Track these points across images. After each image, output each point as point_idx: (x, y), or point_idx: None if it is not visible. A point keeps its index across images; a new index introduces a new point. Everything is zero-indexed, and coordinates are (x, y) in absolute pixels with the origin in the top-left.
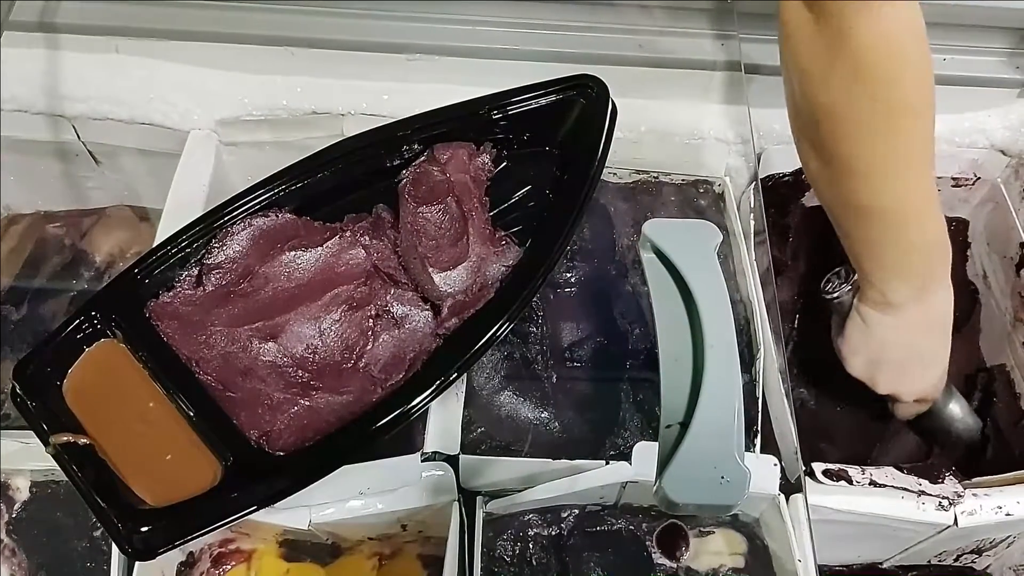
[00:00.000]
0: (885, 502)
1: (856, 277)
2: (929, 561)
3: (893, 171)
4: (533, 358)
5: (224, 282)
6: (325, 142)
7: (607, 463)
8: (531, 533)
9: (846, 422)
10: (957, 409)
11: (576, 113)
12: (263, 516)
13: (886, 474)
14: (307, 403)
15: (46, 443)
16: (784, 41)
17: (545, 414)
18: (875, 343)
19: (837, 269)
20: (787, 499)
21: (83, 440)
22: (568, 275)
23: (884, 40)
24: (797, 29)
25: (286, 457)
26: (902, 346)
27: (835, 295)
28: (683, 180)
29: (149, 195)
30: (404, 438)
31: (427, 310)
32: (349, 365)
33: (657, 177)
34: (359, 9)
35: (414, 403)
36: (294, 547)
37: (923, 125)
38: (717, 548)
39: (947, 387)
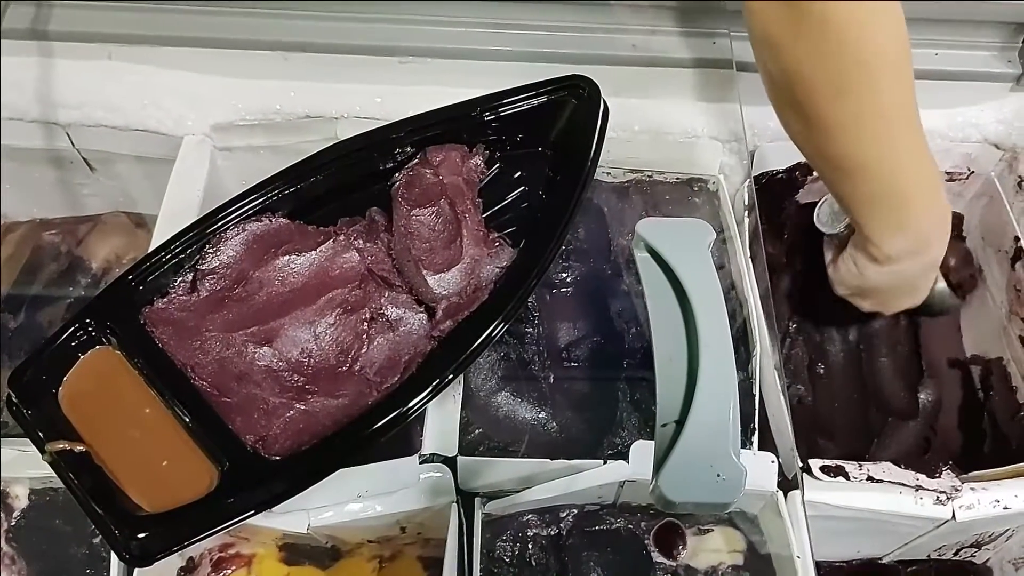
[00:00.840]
0: (883, 497)
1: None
2: (928, 556)
3: (874, 126)
4: (530, 359)
5: (218, 287)
6: (319, 146)
7: (605, 462)
8: (530, 533)
9: (843, 418)
10: (940, 286)
11: (568, 113)
12: (262, 520)
13: (883, 469)
14: (303, 407)
15: (42, 451)
16: (749, 14)
17: (542, 414)
18: (866, 284)
19: (827, 196)
20: (785, 496)
21: (79, 447)
22: (564, 275)
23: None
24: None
25: (282, 461)
26: (894, 287)
27: (833, 231)
28: (677, 178)
29: (145, 201)
30: (402, 440)
31: (422, 312)
32: (344, 368)
33: (651, 176)
34: (351, 13)
35: (410, 405)
36: (294, 551)
37: (900, 77)
38: (716, 546)
39: None
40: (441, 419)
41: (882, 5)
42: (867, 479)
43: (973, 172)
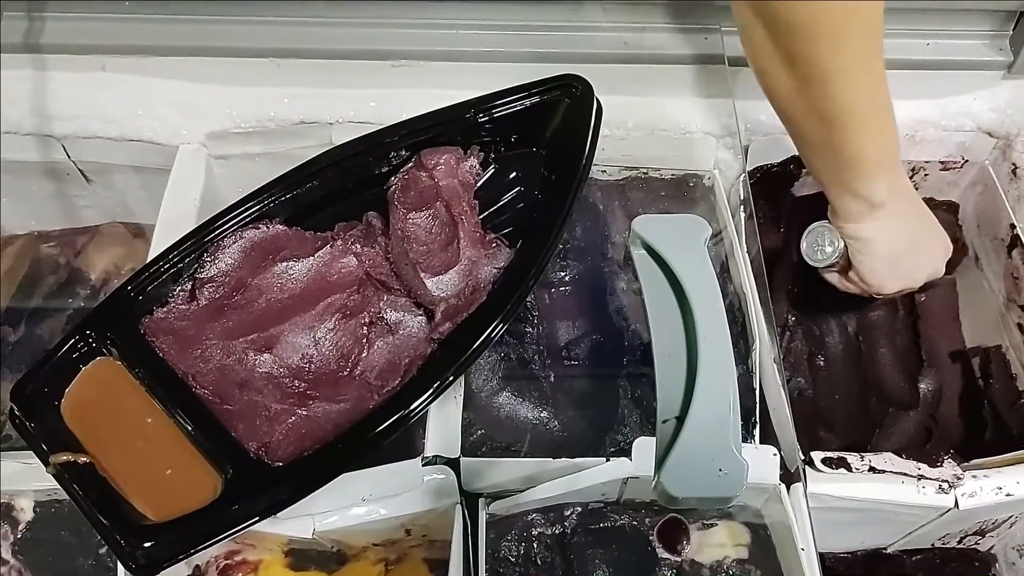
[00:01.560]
0: (885, 488)
1: (839, 233)
2: (932, 544)
3: (868, 69)
4: (530, 358)
5: (217, 295)
6: (315, 151)
7: (607, 460)
8: (535, 532)
9: (844, 410)
10: None
11: (561, 113)
12: (267, 526)
13: (885, 460)
14: (305, 413)
15: (46, 463)
16: None
17: (544, 413)
18: (884, 249)
19: (812, 230)
20: (788, 489)
21: (83, 459)
22: (561, 274)
23: None
24: None
25: (286, 467)
26: (908, 235)
27: (829, 263)
28: (672, 175)
29: (142, 211)
30: (404, 443)
31: (421, 315)
32: (345, 373)
33: (646, 173)
34: (343, 18)
35: (412, 408)
36: (300, 556)
37: (880, 29)
38: (720, 540)
39: None
40: (443, 421)
41: None
42: (869, 470)
43: (967, 161)
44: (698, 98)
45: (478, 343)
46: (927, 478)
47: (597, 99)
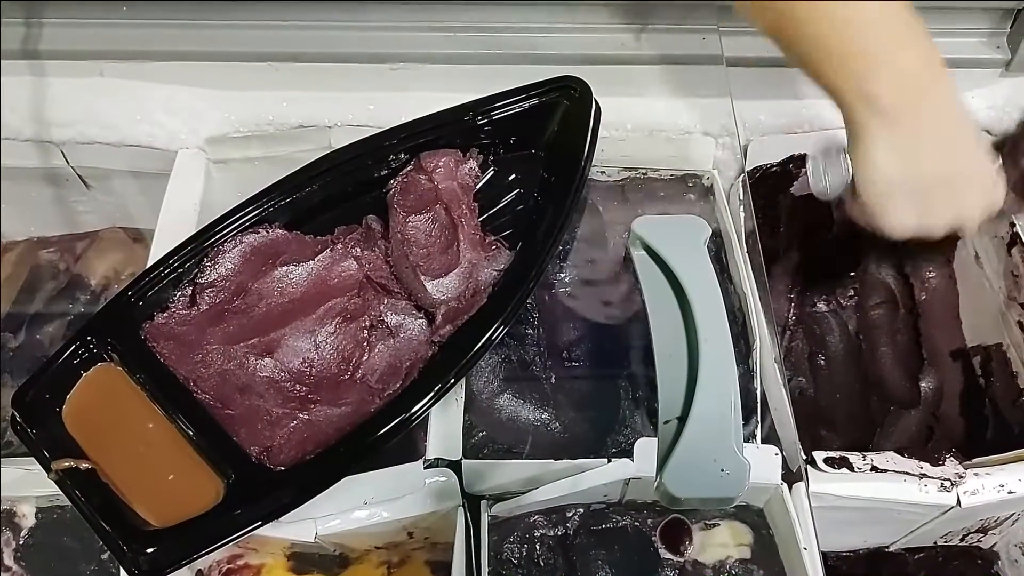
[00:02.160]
0: (887, 487)
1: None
2: (935, 543)
3: None
4: (531, 360)
5: (218, 300)
6: (314, 155)
7: (609, 461)
8: (537, 534)
9: (845, 409)
10: None
11: (560, 115)
12: (269, 530)
13: (887, 459)
14: (306, 417)
15: (48, 469)
16: None
17: (546, 415)
18: (893, 177)
19: (816, 155)
20: (790, 488)
21: (85, 465)
22: (561, 275)
23: None
24: None
25: (287, 472)
26: (932, 166)
27: (835, 194)
28: (671, 175)
29: (142, 216)
30: (406, 446)
31: (421, 318)
32: (346, 377)
33: (646, 173)
34: (341, 21)
35: (413, 411)
36: (302, 560)
37: None
38: (723, 540)
39: None
40: (444, 423)
41: None
42: (871, 469)
43: None
44: (696, 98)
45: (479, 345)
46: (929, 476)
47: (596, 100)
